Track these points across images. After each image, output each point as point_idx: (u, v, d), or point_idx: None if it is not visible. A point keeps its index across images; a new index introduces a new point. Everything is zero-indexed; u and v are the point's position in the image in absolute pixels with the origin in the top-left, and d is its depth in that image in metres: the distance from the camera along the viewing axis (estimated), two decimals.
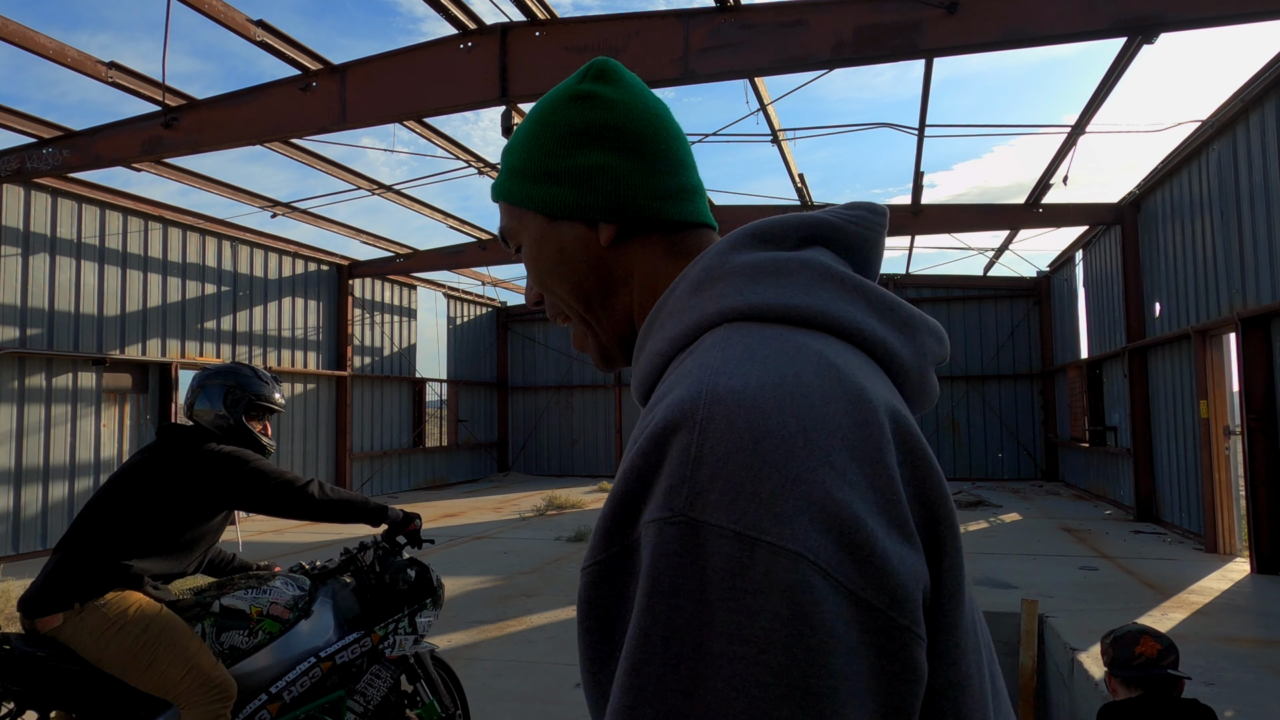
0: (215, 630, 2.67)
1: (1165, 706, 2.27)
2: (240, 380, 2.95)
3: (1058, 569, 7.26)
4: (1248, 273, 7.29)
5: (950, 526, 0.54)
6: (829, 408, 0.51)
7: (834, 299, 0.62)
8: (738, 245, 0.67)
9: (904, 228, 11.63)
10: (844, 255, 0.68)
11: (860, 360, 0.59)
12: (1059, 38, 5.43)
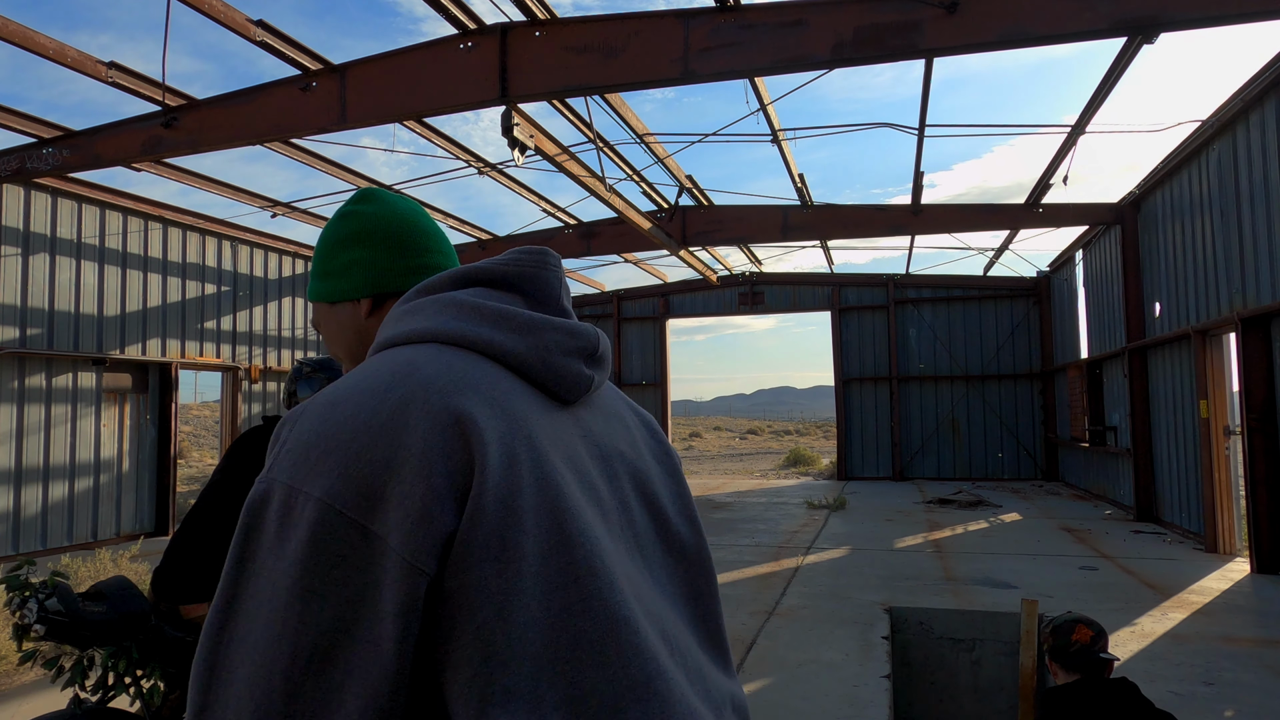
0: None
1: (1100, 686, 2.56)
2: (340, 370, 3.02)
3: (1058, 569, 7.26)
4: (1248, 273, 7.29)
5: (483, 494, 0.67)
6: (375, 402, 0.70)
7: (447, 319, 0.80)
8: (404, 299, 0.87)
9: (904, 228, 11.63)
10: (508, 289, 0.86)
11: (466, 361, 0.76)
12: (1059, 38, 5.43)
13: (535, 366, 0.80)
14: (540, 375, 0.80)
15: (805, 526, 10.19)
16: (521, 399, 0.76)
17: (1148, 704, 2.56)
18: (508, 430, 0.71)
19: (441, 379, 0.72)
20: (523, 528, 0.67)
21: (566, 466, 0.75)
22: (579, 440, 0.80)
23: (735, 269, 17.39)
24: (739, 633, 5.48)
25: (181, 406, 11.09)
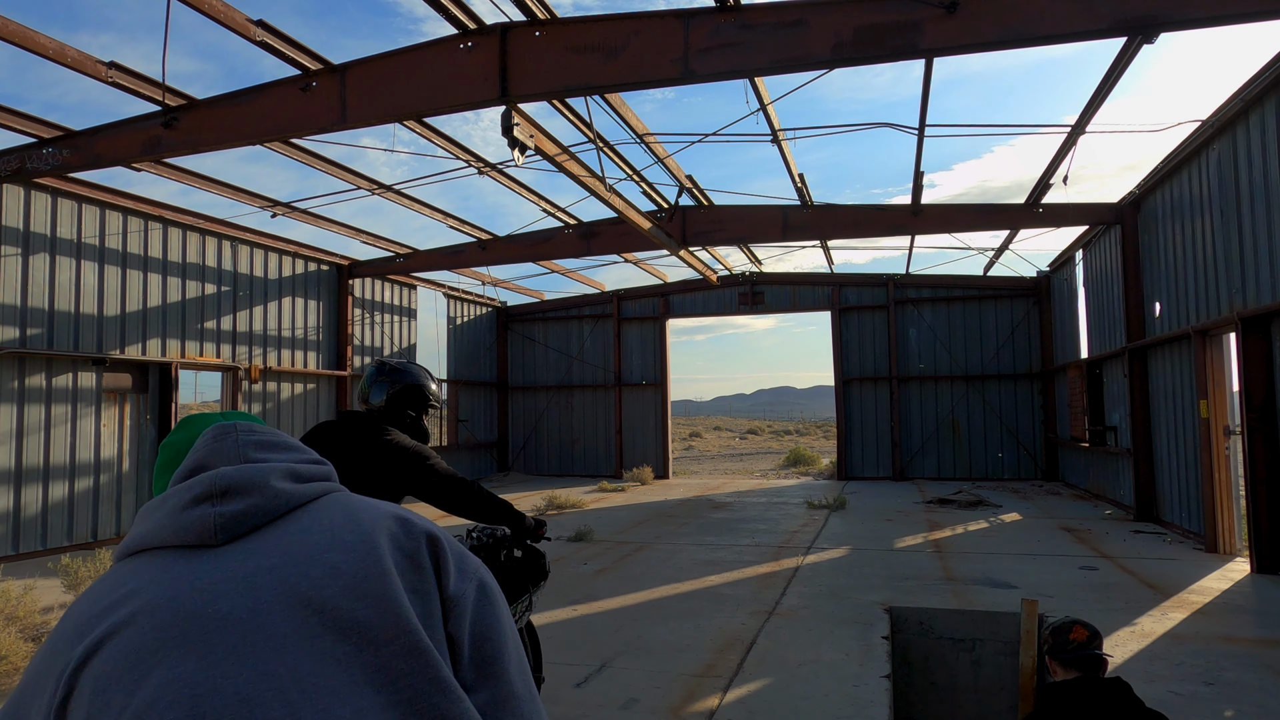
0: None
1: (1095, 683, 2.75)
2: (419, 379, 3.32)
3: (1058, 569, 7.26)
4: (1248, 273, 7.29)
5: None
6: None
7: (130, 537, 0.97)
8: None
9: (904, 228, 11.63)
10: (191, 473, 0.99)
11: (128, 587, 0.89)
12: (1058, 37, 5.43)
13: (159, 537, 0.92)
14: (164, 541, 0.92)
15: (805, 526, 10.19)
16: (137, 578, 0.88)
17: (1139, 703, 2.73)
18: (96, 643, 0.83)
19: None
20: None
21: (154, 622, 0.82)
22: (203, 576, 0.87)
23: (735, 269, 17.39)
24: (739, 633, 5.49)
25: (181, 406, 11.09)
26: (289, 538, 0.91)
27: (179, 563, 0.88)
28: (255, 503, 0.93)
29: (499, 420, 19.11)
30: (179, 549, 0.90)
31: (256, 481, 0.94)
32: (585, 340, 18.76)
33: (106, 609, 0.85)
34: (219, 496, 0.92)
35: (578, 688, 4.47)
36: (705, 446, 38.63)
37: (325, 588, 0.86)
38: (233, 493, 0.93)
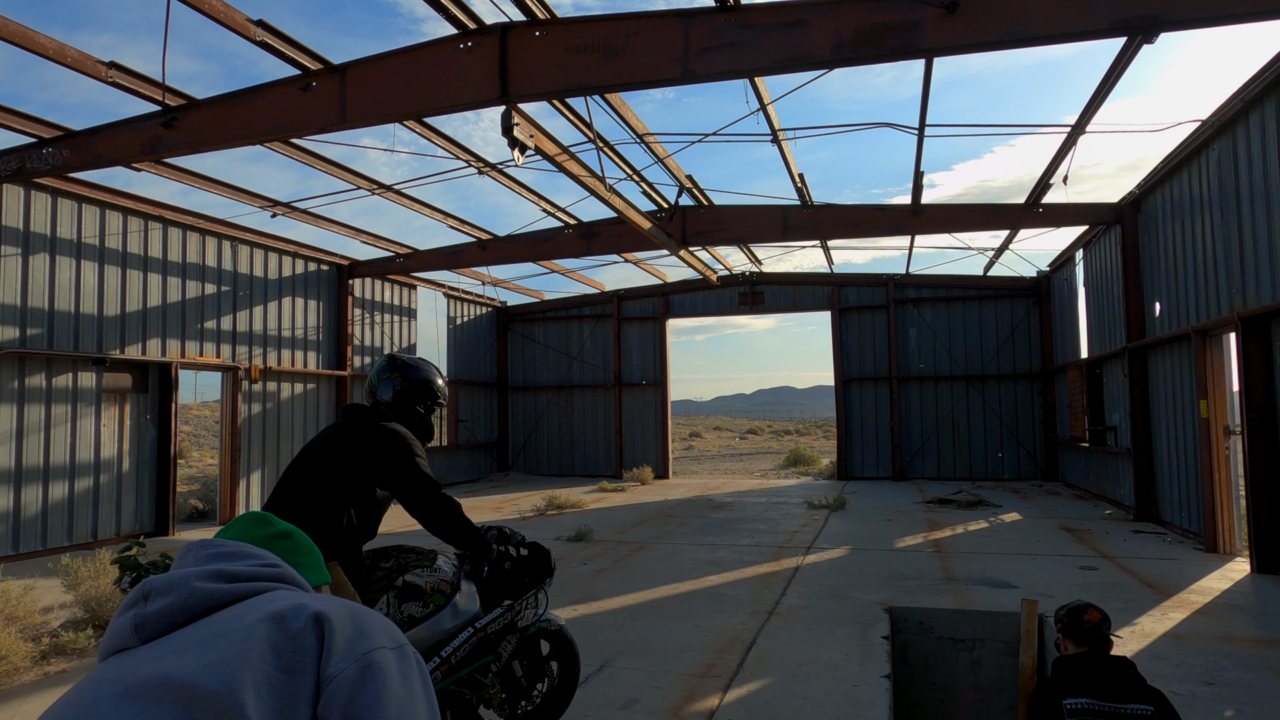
0: (397, 601, 3.11)
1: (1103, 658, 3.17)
2: (428, 375, 3.39)
3: (1058, 569, 7.27)
4: (1248, 273, 7.29)
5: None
6: None
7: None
8: None
9: (904, 228, 11.63)
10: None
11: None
12: (1058, 37, 5.43)
13: (103, 646, 1.03)
14: (106, 649, 1.03)
15: (805, 526, 10.19)
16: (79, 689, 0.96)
17: (1141, 679, 3.09)
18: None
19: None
20: None
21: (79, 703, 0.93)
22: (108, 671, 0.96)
23: (735, 269, 17.39)
24: (739, 633, 5.49)
25: (181, 406, 11.10)
26: (189, 633, 0.99)
27: (109, 664, 0.99)
28: (171, 602, 1.01)
29: (499, 420, 19.10)
30: (118, 652, 1.01)
31: (176, 583, 1.03)
32: (585, 340, 18.76)
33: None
34: (143, 600, 1.02)
35: (578, 687, 4.47)
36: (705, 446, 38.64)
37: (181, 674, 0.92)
38: (154, 595, 1.02)
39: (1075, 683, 3.09)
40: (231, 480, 11.58)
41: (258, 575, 1.08)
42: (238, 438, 11.70)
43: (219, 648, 0.94)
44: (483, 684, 3.31)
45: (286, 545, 1.28)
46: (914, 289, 16.57)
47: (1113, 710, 3.02)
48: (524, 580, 3.49)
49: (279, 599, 1.02)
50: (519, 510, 12.36)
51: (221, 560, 1.09)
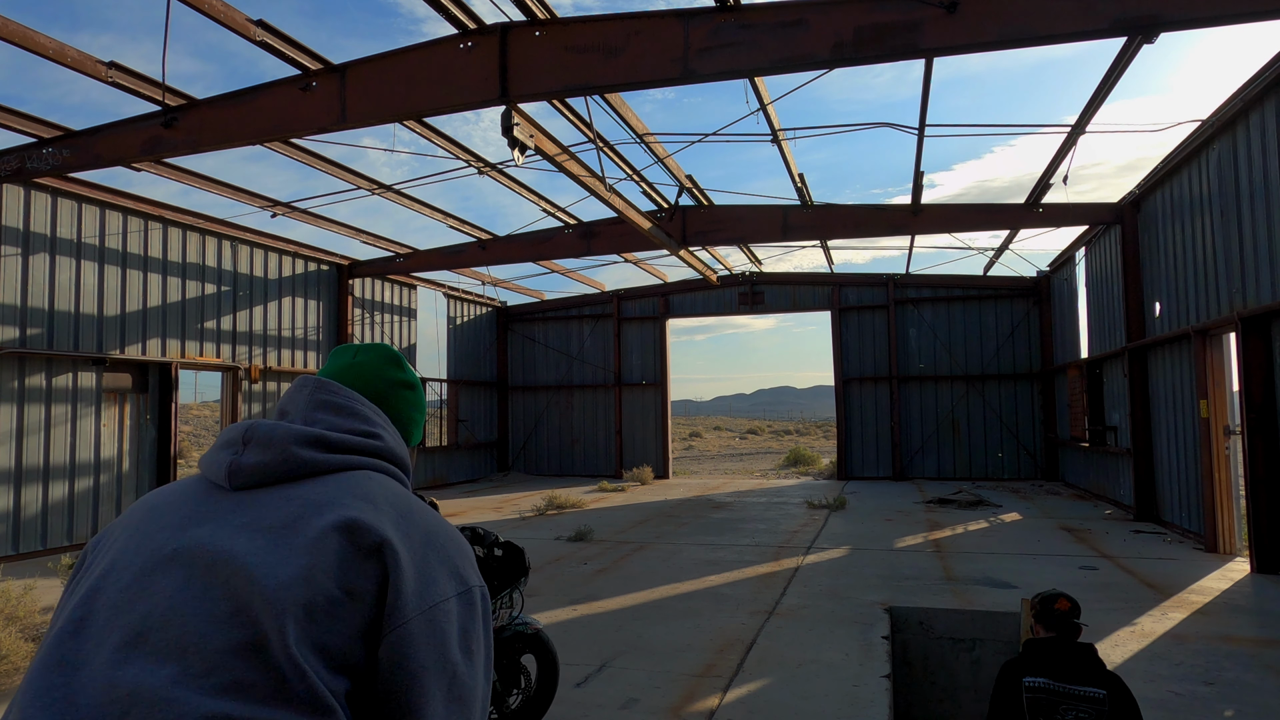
0: None
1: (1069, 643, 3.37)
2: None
3: (1058, 569, 7.26)
4: (1248, 273, 7.29)
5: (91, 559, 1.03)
6: None
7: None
8: None
9: (904, 228, 11.62)
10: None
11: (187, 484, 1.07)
12: (1058, 37, 5.43)
13: (203, 469, 1.06)
14: (203, 473, 1.07)
15: (805, 526, 10.19)
16: (174, 497, 1.04)
17: (1100, 665, 3.31)
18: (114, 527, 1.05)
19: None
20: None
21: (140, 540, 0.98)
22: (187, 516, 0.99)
23: (735, 269, 17.39)
24: (739, 633, 5.49)
25: (181, 406, 11.09)
26: (271, 507, 0.98)
27: (198, 497, 1.03)
28: (266, 461, 1.01)
29: (499, 420, 19.10)
30: (201, 481, 1.06)
31: (276, 441, 1.02)
32: (585, 340, 18.76)
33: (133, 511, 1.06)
34: (242, 445, 1.02)
35: (578, 687, 4.47)
36: (705, 446, 38.64)
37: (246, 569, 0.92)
38: (253, 445, 1.02)
39: (1036, 664, 3.36)
40: None
41: (357, 449, 1.07)
42: None
43: (288, 552, 0.93)
44: None
45: (409, 398, 1.24)
46: (914, 289, 16.57)
47: (1066, 691, 3.29)
48: (495, 582, 3.46)
49: (360, 501, 1.00)
50: (519, 510, 12.36)
51: (329, 413, 1.09)
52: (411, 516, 1.02)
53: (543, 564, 8.06)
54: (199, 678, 0.86)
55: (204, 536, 0.95)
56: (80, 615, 0.92)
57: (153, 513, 1.01)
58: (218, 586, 0.91)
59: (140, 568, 0.94)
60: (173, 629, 0.88)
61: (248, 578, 0.90)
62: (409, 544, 0.99)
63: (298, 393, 1.12)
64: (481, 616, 1.03)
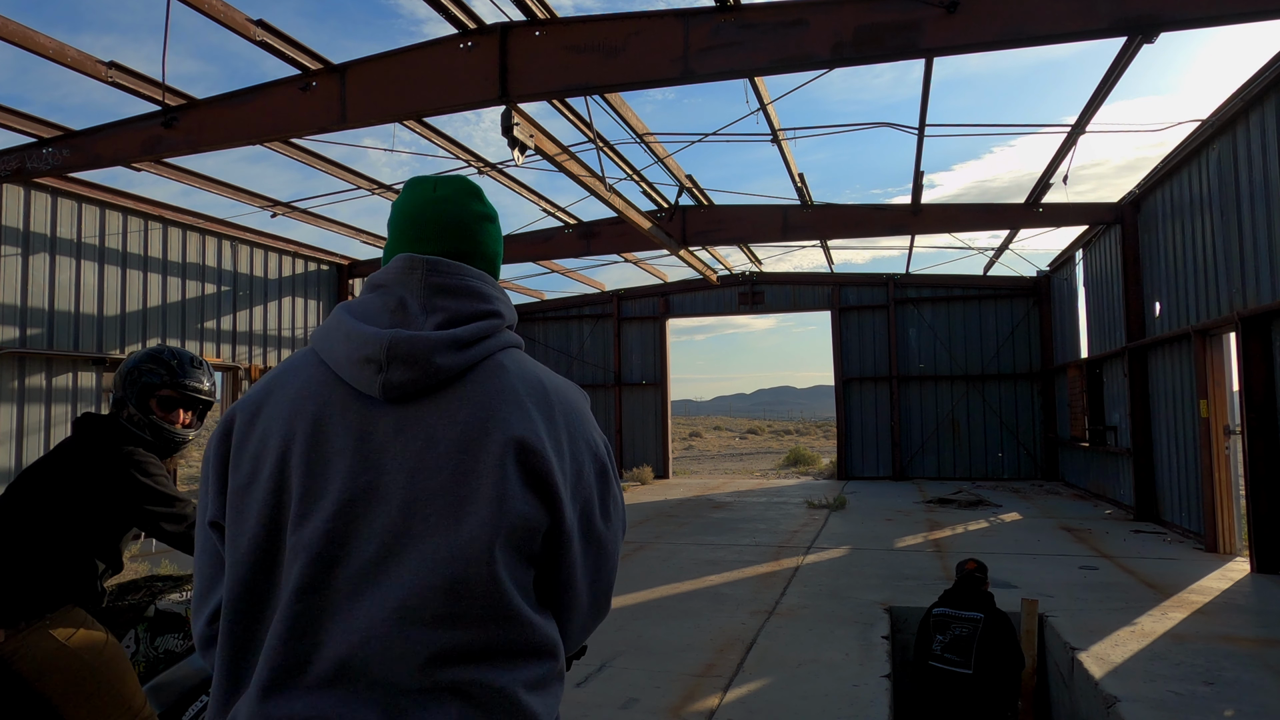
0: (149, 635, 2.53)
1: (967, 588, 4.98)
2: (156, 367, 2.61)
3: (1058, 568, 7.27)
4: (1248, 272, 7.29)
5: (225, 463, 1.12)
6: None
7: (319, 330, 1.16)
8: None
9: (904, 227, 11.62)
10: (380, 289, 1.16)
11: (295, 360, 1.16)
12: (1058, 37, 5.43)
13: (337, 367, 1.10)
14: (345, 376, 1.09)
15: (805, 526, 10.19)
16: (306, 385, 1.10)
17: (987, 600, 4.88)
18: (245, 408, 1.12)
19: (264, 379, 1.16)
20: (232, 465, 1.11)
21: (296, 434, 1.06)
22: (363, 432, 1.06)
23: (735, 269, 17.39)
24: (739, 632, 5.48)
25: None
26: (430, 415, 1.07)
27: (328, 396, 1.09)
28: (414, 378, 1.06)
29: None
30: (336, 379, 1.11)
31: (418, 357, 1.06)
32: (585, 340, 18.76)
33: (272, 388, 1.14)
34: (386, 362, 1.06)
35: (578, 687, 4.47)
36: (705, 446, 38.64)
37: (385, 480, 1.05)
38: (396, 364, 1.06)
39: (944, 600, 5.00)
40: None
41: (486, 333, 1.13)
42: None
43: (476, 484, 1.03)
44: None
45: (491, 230, 1.27)
46: (914, 289, 16.57)
47: (955, 615, 4.85)
48: None
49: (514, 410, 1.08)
50: None
51: (447, 298, 1.13)
52: (550, 402, 1.12)
53: None
54: (420, 611, 0.98)
55: (397, 468, 1.04)
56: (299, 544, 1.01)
57: (322, 433, 1.06)
58: (420, 524, 1.01)
59: (342, 503, 1.02)
60: (390, 566, 1.00)
61: (450, 516, 1.02)
62: (559, 446, 1.10)
63: (409, 274, 1.14)
64: (613, 478, 1.19)
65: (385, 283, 1.14)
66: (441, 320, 1.10)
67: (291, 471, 1.04)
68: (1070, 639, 5.11)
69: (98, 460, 2.42)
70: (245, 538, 1.04)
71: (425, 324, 1.10)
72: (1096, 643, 5.01)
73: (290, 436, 1.05)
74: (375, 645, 0.96)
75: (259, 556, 1.03)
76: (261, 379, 1.14)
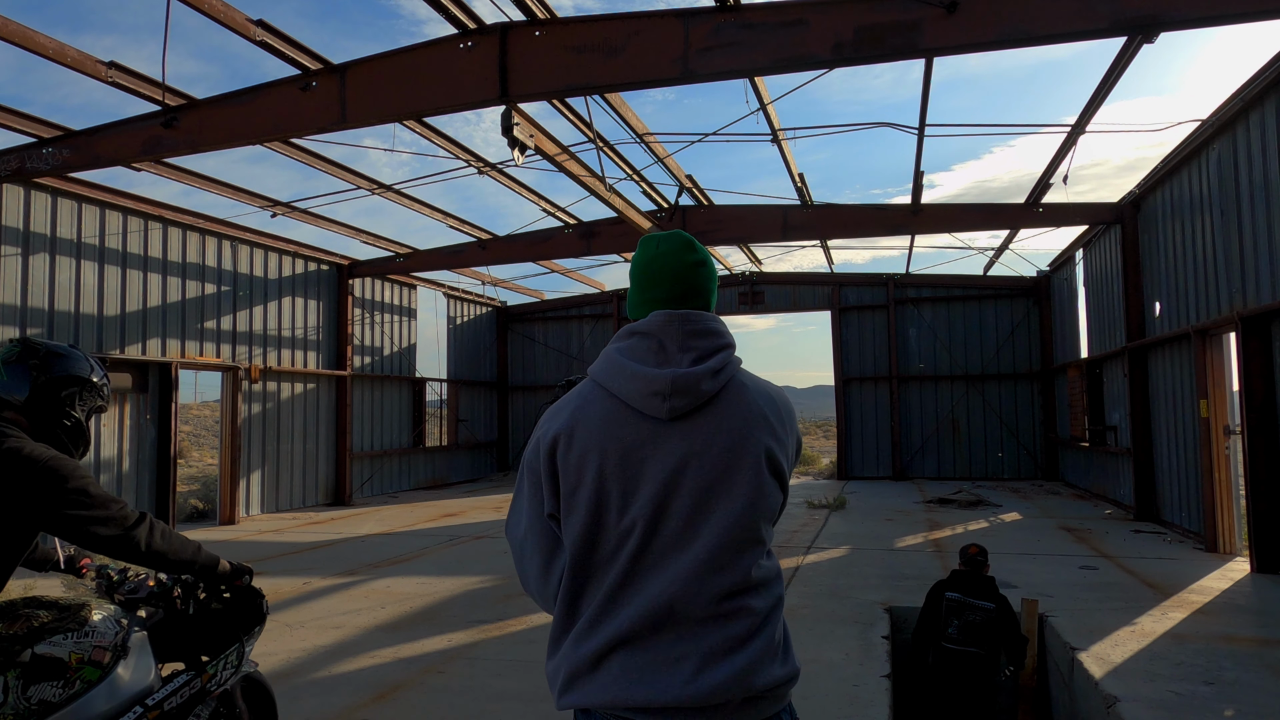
0: (21, 684, 2.15)
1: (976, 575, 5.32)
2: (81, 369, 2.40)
3: (1058, 568, 7.26)
4: (1248, 272, 7.29)
5: (555, 473, 1.50)
6: (550, 415, 1.56)
7: (599, 365, 1.56)
8: (619, 333, 1.59)
9: (904, 227, 11.62)
10: (646, 337, 1.55)
11: (588, 390, 1.56)
12: (1058, 37, 5.43)
13: (628, 399, 1.50)
14: (633, 404, 1.50)
15: (805, 526, 10.19)
16: (603, 415, 1.50)
17: (995, 590, 5.27)
18: (563, 431, 1.51)
19: (557, 408, 1.57)
20: (561, 474, 1.51)
21: (607, 451, 1.47)
22: (654, 444, 1.48)
23: (735, 269, 17.39)
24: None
25: (181, 406, 11.09)
26: (705, 427, 1.49)
27: (622, 420, 1.50)
28: (690, 402, 1.48)
29: (499, 420, 19.11)
30: (623, 405, 1.51)
31: (691, 386, 1.48)
32: (585, 340, 18.76)
33: (579, 417, 1.53)
34: (668, 395, 1.47)
35: None
36: None
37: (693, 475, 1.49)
38: (677, 394, 1.47)
39: (954, 585, 5.30)
40: (231, 480, 11.58)
41: (727, 361, 1.54)
42: (238, 437, 11.70)
43: (742, 475, 1.48)
44: None
45: (705, 273, 1.63)
46: (914, 289, 16.57)
47: (970, 602, 5.18)
48: (225, 633, 2.66)
49: (759, 426, 1.52)
50: None
51: (698, 340, 1.54)
52: (778, 409, 1.56)
53: None
54: (710, 565, 1.44)
55: (685, 467, 1.47)
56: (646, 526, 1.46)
57: (628, 448, 1.48)
58: (707, 505, 1.46)
59: (654, 497, 1.46)
60: (690, 535, 1.46)
61: (727, 499, 1.47)
62: (786, 444, 1.56)
63: (669, 326, 1.54)
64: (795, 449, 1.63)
65: (647, 331, 1.55)
66: (694, 357, 1.51)
67: (609, 478, 1.45)
68: (1070, 639, 5.11)
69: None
70: (577, 525, 1.47)
71: (683, 361, 1.51)
72: (1096, 643, 5.01)
73: (604, 452, 1.46)
74: (680, 588, 1.42)
75: (587, 536, 1.47)
76: (563, 408, 1.55)
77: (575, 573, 1.48)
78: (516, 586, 7.05)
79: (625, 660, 1.43)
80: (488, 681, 4.54)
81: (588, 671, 1.45)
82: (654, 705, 1.39)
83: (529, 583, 1.59)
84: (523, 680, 4.60)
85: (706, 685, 1.39)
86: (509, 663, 4.92)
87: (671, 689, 1.39)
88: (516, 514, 1.61)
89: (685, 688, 1.39)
